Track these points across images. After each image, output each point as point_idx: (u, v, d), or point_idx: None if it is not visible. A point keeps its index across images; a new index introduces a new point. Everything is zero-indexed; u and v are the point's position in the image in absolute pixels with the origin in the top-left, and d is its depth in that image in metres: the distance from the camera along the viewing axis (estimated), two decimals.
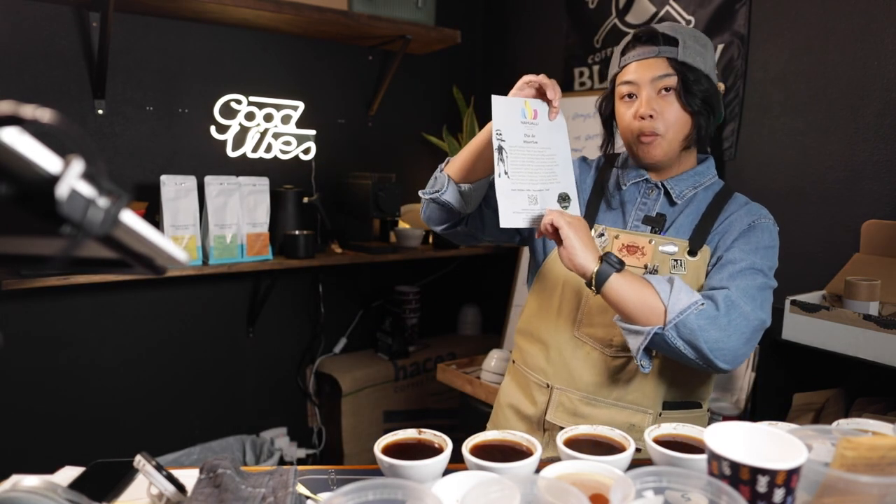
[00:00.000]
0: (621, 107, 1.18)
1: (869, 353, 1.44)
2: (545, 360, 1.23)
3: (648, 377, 1.16)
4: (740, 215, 1.17)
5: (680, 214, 1.19)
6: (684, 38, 1.12)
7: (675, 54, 1.11)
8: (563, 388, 1.20)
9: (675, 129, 1.14)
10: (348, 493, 0.65)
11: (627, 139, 1.19)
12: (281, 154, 2.49)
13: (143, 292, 2.29)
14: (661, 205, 1.20)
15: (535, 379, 1.26)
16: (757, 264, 1.10)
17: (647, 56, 1.13)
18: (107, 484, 0.93)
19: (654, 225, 1.19)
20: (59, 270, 1.86)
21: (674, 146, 1.15)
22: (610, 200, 1.24)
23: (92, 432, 2.22)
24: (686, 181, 1.20)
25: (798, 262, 1.91)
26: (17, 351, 2.07)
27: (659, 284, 1.06)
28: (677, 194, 1.19)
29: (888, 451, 0.64)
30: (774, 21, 1.95)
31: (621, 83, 1.17)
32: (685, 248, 1.15)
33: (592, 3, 2.47)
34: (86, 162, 0.40)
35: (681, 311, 1.03)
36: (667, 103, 1.12)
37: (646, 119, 1.12)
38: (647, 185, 1.21)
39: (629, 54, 1.16)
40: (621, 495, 0.61)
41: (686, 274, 1.14)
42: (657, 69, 1.12)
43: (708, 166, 1.24)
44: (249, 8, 2.06)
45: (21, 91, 1.99)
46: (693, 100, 1.12)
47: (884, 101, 1.71)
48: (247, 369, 2.56)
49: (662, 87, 1.12)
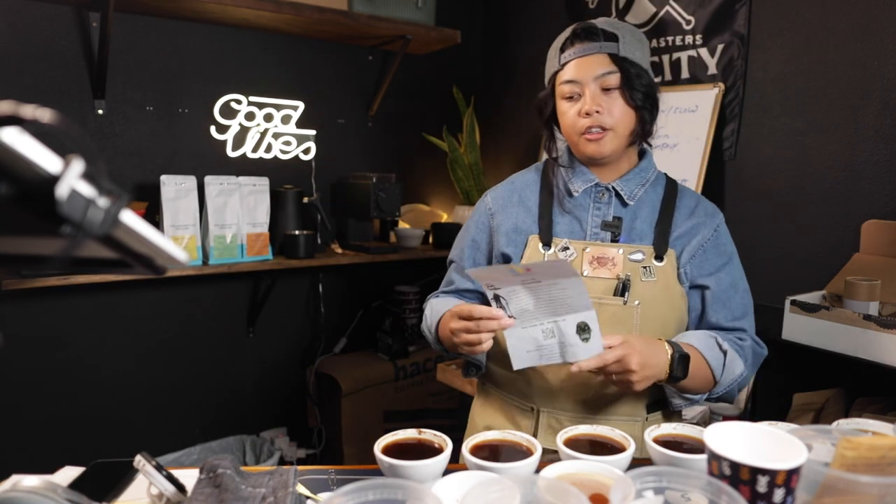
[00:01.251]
0: (564, 105, 1.15)
1: (869, 353, 1.44)
2: (526, 385, 1.19)
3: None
4: (699, 220, 1.19)
5: (636, 219, 1.18)
6: (623, 33, 1.12)
7: (616, 50, 1.11)
8: (550, 411, 1.17)
9: (623, 125, 1.13)
10: (348, 493, 0.65)
11: (573, 138, 1.17)
12: (281, 154, 2.49)
13: (143, 292, 2.29)
14: (615, 207, 1.19)
15: (518, 403, 1.22)
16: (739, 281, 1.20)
17: (589, 52, 1.11)
18: (107, 484, 0.93)
19: (613, 229, 1.18)
20: (59, 270, 1.86)
21: (621, 141, 1.15)
22: (563, 203, 1.21)
23: (92, 432, 2.22)
24: (633, 180, 1.19)
25: (798, 262, 1.91)
26: (17, 351, 2.07)
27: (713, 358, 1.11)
28: (628, 195, 1.18)
29: (888, 451, 0.64)
30: (774, 21, 1.95)
31: (563, 82, 1.14)
32: (651, 253, 1.15)
33: (592, 3, 2.47)
34: (86, 162, 0.40)
35: (728, 385, 1.14)
36: (611, 99, 1.11)
37: (592, 115, 1.11)
38: (598, 189, 1.19)
39: (569, 51, 1.14)
40: (621, 495, 0.61)
41: (656, 280, 1.13)
42: (599, 66, 1.11)
43: (649, 160, 1.23)
44: (249, 8, 2.06)
45: (21, 91, 1.99)
46: (637, 95, 1.11)
47: (884, 101, 1.71)
48: (247, 369, 2.56)
49: (606, 83, 1.11)
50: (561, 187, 1.22)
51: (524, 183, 1.27)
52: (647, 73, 1.14)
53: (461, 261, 1.30)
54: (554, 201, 1.22)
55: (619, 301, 1.12)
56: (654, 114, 1.17)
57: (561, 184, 1.22)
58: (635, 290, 1.12)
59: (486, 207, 1.28)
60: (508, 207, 1.24)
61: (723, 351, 1.12)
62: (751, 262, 2.04)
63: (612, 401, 1.16)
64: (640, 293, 1.12)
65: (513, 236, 1.21)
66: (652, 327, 1.13)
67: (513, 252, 1.20)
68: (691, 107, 2.13)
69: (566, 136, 1.19)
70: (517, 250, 1.20)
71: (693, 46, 2.16)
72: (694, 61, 2.16)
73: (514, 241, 1.21)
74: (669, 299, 1.14)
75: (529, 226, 1.21)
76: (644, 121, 1.15)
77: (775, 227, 1.97)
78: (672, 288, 1.14)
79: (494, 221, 1.25)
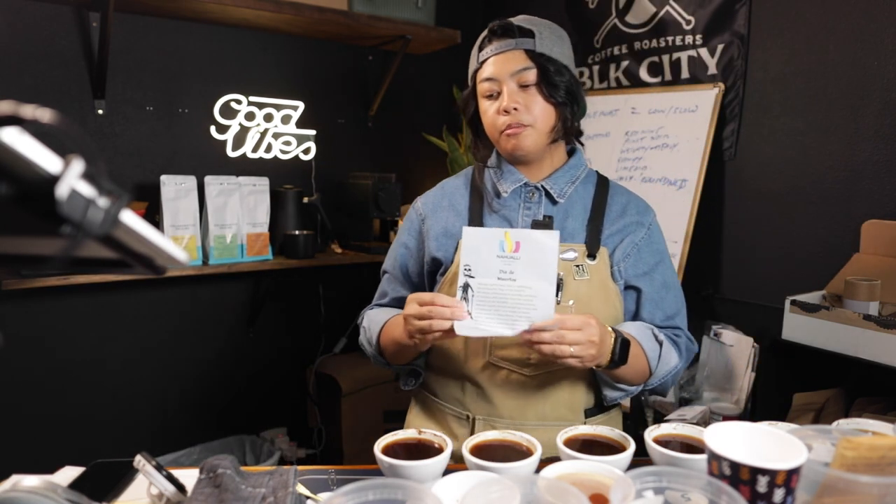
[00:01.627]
0: (484, 104, 1.15)
1: (869, 353, 1.44)
2: (461, 392, 1.17)
3: (568, 389, 1.15)
4: (632, 218, 1.19)
5: (568, 218, 1.17)
6: (540, 30, 1.11)
7: (533, 46, 1.10)
8: (486, 418, 1.15)
9: (542, 121, 1.12)
10: (348, 493, 0.65)
11: (494, 136, 1.16)
12: (281, 154, 2.49)
13: (143, 292, 2.29)
14: (545, 206, 1.18)
15: (452, 411, 1.19)
16: (671, 279, 1.20)
17: (505, 49, 1.11)
18: (107, 484, 0.93)
19: (544, 228, 1.16)
20: (59, 270, 1.86)
21: (542, 138, 1.14)
22: (492, 205, 1.19)
23: (92, 432, 2.22)
24: (562, 178, 1.18)
25: (798, 262, 1.91)
26: (17, 351, 2.07)
27: (649, 348, 1.12)
28: (558, 193, 1.17)
29: (888, 451, 0.64)
30: (774, 21, 1.95)
31: (482, 80, 1.13)
32: (584, 252, 1.14)
33: (592, 3, 2.47)
34: (86, 162, 0.40)
35: (662, 376, 1.14)
36: (530, 96, 1.11)
37: (510, 112, 1.10)
38: (527, 188, 1.18)
39: (486, 49, 1.13)
40: (621, 495, 0.61)
41: (590, 279, 1.13)
42: (516, 62, 1.10)
43: (578, 158, 1.22)
44: (249, 8, 2.06)
45: (21, 91, 1.99)
46: (555, 91, 1.11)
47: (884, 101, 1.71)
48: (247, 369, 2.56)
49: (523, 79, 1.10)
50: (489, 188, 1.20)
51: (454, 187, 1.26)
52: (567, 69, 1.13)
53: (395, 269, 1.28)
54: (483, 203, 1.20)
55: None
56: (576, 111, 1.16)
57: (489, 185, 1.20)
58: (569, 290, 1.11)
59: (416, 213, 1.27)
60: (438, 212, 1.23)
61: (658, 342, 1.13)
62: (751, 262, 2.05)
63: (548, 405, 1.14)
64: (573, 292, 1.12)
65: (443, 240, 1.19)
66: None
67: (443, 256, 1.18)
68: (691, 107, 2.13)
69: (489, 134, 1.18)
70: (447, 254, 1.18)
71: (693, 46, 2.16)
72: (694, 61, 2.16)
73: (444, 245, 1.19)
74: (604, 297, 1.14)
75: (459, 229, 1.19)
76: (566, 117, 1.14)
77: (775, 227, 1.97)
78: (606, 286, 1.14)
79: (425, 226, 1.23)
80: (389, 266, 1.30)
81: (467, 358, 1.15)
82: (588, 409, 1.17)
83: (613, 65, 2.43)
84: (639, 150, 2.25)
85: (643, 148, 2.24)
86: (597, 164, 2.38)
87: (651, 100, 2.25)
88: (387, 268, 1.31)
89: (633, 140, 2.28)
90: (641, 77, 2.33)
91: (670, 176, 2.14)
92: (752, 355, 1.90)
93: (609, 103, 2.39)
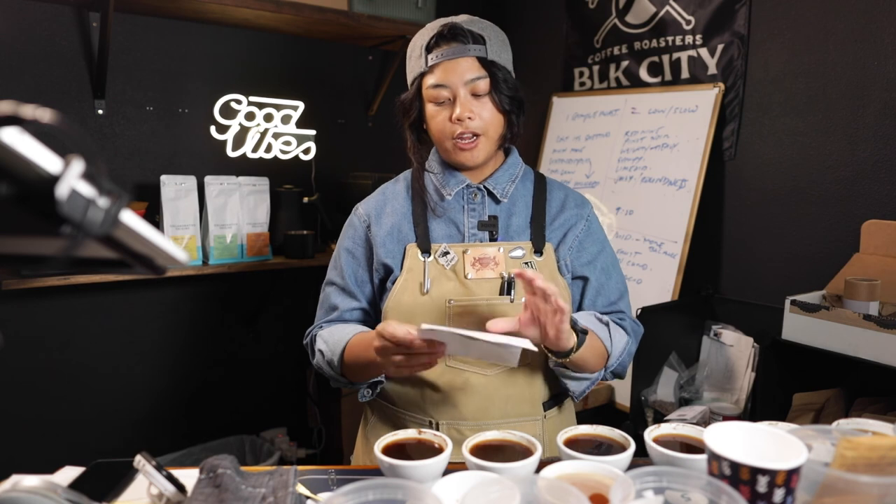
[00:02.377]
0: (432, 109, 1.13)
1: (869, 353, 1.44)
2: (421, 398, 1.15)
3: (527, 384, 1.15)
4: (571, 211, 1.21)
5: (512, 216, 1.18)
6: (489, 35, 1.10)
7: (485, 53, 1.09)
8: (450, 422, 1.14)
9: (493, 129, 1.12)
10: (348, 493, 0.65)
11: (444, 143, 1.14)
12: (281, 154, 2.49)
13: (143, 292, 2.29)
14: (489, 206, 1.18)
15: (414, 418, 1.17)
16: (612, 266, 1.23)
17: (457, 55, 1.08)
18: (107, 484, 0.93)
19: (490, 228, 1.17)
20: (59, 270, 1.85)
21: (492, 146, 1.14)
22: (435, 209, 1.19)
23: (92, 432, 2.22)
24: (503, 177, 1.19)
25: (798, 262, 1.91)
26: (18, 351, 2.07)
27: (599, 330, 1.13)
28: (500, 193, 1.18)
29: (888, 451, 0.64)
30: (774, 21, 1.95)
31: (431, 86, 1.11)
32: (530, 248, 1.15)
33: (592, 3, 2.47)
34: (86, 162, 0.40)
35: (618, 355, 1.16)
36: (481, 104, 1.10)
37: (464, 121, 1.09)
38: (469, 190, 1.18)
39: (436, 52, 1.10)
40: (621, 495, 0.61)
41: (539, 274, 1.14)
42: (469, 71, 1.08)
43: (515, 156, 1.23)
44: (249, 8, 2.05)
45: (21, 91, 1.99)
46: (505, 99, 1.11)
47: (884, 101, 1.71)
48: (247, 369, 2.56)
49: (476, 89, 1.09)
50: (432, 192, 1.19)
51: (394, 193, 1.25)
52: (511, 75, 1.14)
53: (343, 280, 1.23)
54: (427, 208, 1.19)
55: (506, 300, 1.12)
56: (520, 117, 1.16)
57: (431, 189, 1.20)
58: (520, 287, 1.12)
59: (360, 220, 1.25)
60: (382, 218, 1.22)
61: (604, 323, 1.15)
62: (751, 262, 2.05)
63: (510, 403, 1.14)
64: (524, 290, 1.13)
65: (390, 247, 1.18)
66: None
67: (392, 262, 1.17)
68: (691, 107, 2.13)
69: (436, 140, 1.17)
70: (396, 260, 1.17)
71: (693, 46, 2.16)
72: (694, 61, 2.16)
73: (392, 251, 1.18)
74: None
75: (406, 235, 1.18)
76: (512, 124, 1.15)
77: (775, 226, 1.97)
78: (555, 280, 1.15)
79: (371, 232, 1.22)
80: (336, 277, 1.25)
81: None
82: (544, 402, 1.19)
83: (613, 65, 2.43)
84: (639, 150, 2.25)
85: (643, 148, 2.24)
86: (597, 164, 2.38)
87: (651, 100, 2.25)
88: (333, 279, 1.26)
89: (633, 140, 2.28)
90: (641, 77, 2.33)
91: (670, 176, 2.14)
92: (752, 355, 1.90)
93: (609, 103, 2.39)
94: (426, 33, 1.13)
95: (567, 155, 2.51)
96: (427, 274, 1.13)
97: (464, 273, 1.13)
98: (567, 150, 2.52)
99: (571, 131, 2.51)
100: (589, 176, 2.40)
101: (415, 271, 1.14)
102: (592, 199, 2.34)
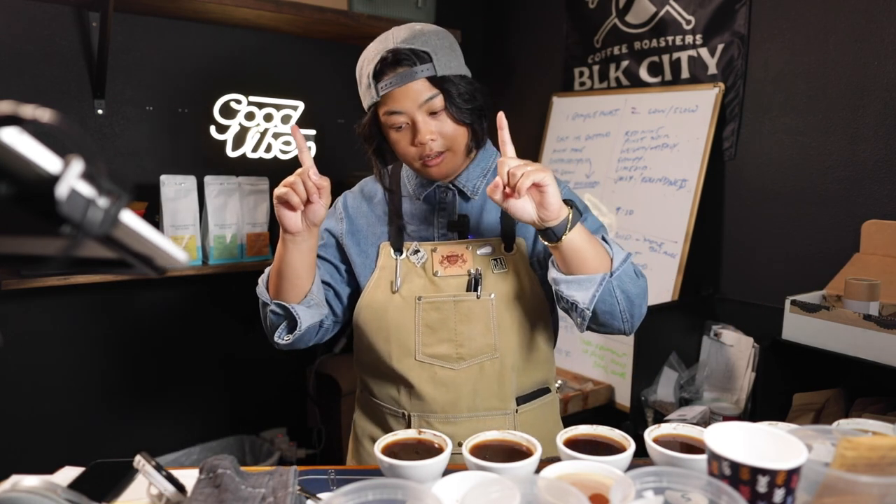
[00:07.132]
0: (393, 135, 1.13)
1: (869, 353, 1.44)
2: (395, 391, 1.19)
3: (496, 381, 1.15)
4: None
5: (483, 212, 1.18)
6: (434, 49, 1.08)
7: (433, 70, 1.07)
8: (420, 414, 1.17)
9: (458, 142, 1.11)
10: (348, 493, 0.65)
11: (412, 164, 1.15)
12: (281, 154, 2.49)
13: (143, 292, 2.29)
14: (459, 205, 1.19)
15: (389, 410, 1.21)
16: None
17: (406, 81, 1.07)
18: (107, 484, 0.93)
19: (460, 228, 1.17)
20: (59, 270, 1.86)
21: (460, 157, 1.14)
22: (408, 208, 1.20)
23: (92, 432, 2.22)
24: (472, 173, 1.19)
25: (798, 262, 1.91)
26: (18, 351, 2.07)
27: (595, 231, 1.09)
28: (470, 190, 1.18)
29: (888, 451, 0.64)
30: (774, 21, 1.95)
31: (387, 113, 1.11)
32: (500, 245, 1.15)
33: (592, 3, 2.47)
34: (86, 162, 0.40)
35: (622, 260, 1.05)
36: (440, 121, 1.09)
37: (427, 143, 1.09)
38: (440, 189, 1.19)
39: (385, 80, 1.09)
40: (621, 495, 0.61)
41: (507, 271, 1.14)
42: (421, 92, 1.07)
43: (488, 149, 1.21)
44: (249, 8, 2.05)
45: (21, 91, 1.99)
46: (464, 112, 1.09)
47: (884, 101, 1.71)
48: (247, 369, 2.56)
49: (431, 108, 1.08)
50: (404, 193, 1.22)
51: (371, 192, 1.27)
52: (465, 79, 1.11)
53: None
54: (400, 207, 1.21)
55: (472, 296, 1.13)
56: (483, 122, 1.15)
57: (404, 189, 1.22)
58: (488, 283, 1.13)
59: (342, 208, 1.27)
60: (359, 218, 1.24)
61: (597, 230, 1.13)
62: (751, 262, 2.05)
63: (479, 398, 1.15)
64: (493, 285, 1.13)
65: (363, 245, 1.21)
66: (510, 318, 1.14)
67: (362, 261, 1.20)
68: (691, 107, 2.13)
69: (405, 161, 1.17)
70: (368, 260, 1.20)
71: (693, 46, 2.16)
72: (694, 61, 2.16)
73: (364, 250, 1.21)
74: (524, 288, 1.14)
75: (379, 234, 1.20)
76: (476, 131, 1.14)
77: (775, 226, 1.97)
78: (526, 276, 1.15)
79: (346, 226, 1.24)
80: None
81: (398, 358, 1.15)
82: (519, 396, 1.19)
83: (613, 65, 2.43)
84: (639, 150, 2.25)
85: (643, 148, 2.24)
86: (597, 164, 2.39)
87: (651, 100, 2.25)
88: None
89: (633, 140, 2.28)
90: (641, 77, 2.33)
91: (670, 176, 2.14)
92: (752, 355, 1.90)
93: (609, 103, 2.39)
94: (370, 61, 1.11)
95: (567, 155, 2.51)
96: (399, 272, 1.16)
97: (433, 270, 1.15)
98: (567, 150, 2.52)
99: (571, 131, 2.51)
100: (589, 176, 2.40)
101: (387, 269, 1.17)
102: (593, 200, 2.34)
